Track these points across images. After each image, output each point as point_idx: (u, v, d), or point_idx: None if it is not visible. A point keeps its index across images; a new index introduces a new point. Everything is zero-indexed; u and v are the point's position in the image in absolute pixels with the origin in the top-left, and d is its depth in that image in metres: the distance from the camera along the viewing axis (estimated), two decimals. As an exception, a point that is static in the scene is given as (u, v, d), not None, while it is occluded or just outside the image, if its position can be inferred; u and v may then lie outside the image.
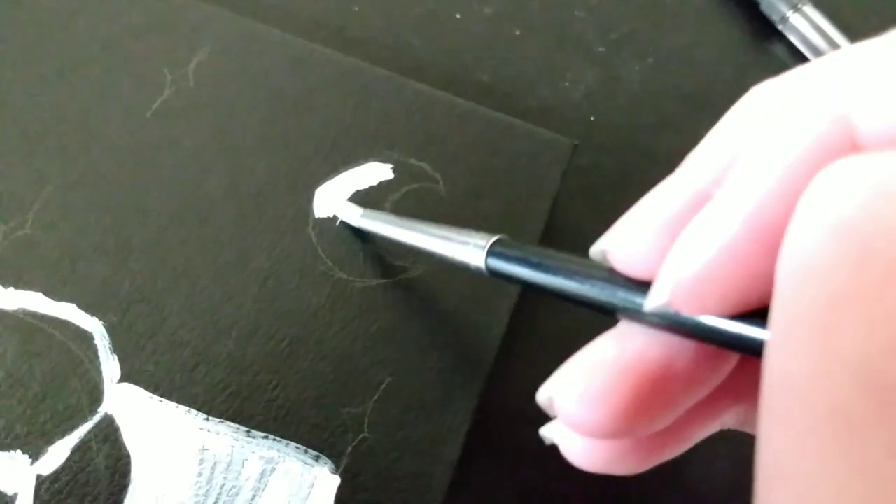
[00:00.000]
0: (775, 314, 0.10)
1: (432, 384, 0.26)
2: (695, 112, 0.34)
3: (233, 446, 0.25)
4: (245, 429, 0.25)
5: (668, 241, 0.13)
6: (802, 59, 0.34)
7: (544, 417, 0.16)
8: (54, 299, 0.26)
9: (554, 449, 0.16)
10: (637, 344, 0.14)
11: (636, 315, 0.14)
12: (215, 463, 0.25)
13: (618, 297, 0.14)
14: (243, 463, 0.25)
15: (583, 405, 0.14)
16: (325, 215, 0.28)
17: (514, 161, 0.29)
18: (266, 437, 0.25)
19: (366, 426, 0.26)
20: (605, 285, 0.14)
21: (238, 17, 0.30)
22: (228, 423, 0.25)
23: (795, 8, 0.34)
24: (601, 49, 0.34)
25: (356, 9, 0.34)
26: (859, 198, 0.10)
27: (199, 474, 0.25)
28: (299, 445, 0.25)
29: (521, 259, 0.16)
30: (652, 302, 0.13)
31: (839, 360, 0.09)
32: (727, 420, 0.16)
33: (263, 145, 0.29)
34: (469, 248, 0.18)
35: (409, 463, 0.25)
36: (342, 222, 0.28)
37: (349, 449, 0.25)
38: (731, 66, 0.34)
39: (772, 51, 0.35)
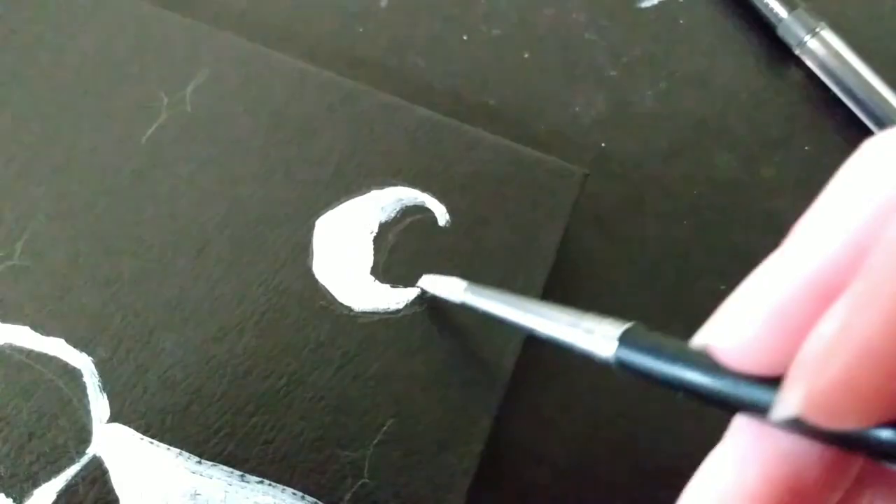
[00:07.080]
0: None
1: (436, 427, 0.25)
2: (709, 139, 0.33)
3: (226, 491, 0.24)
4: (239, 473, 0.24)
5: (782, 332, 0.12)
6: (819, 84, 0.33)
7: (554, 456, 0.15)
8: (42, 334, 0.25)
9: (566, 492, 0.15)
10: (758, 465, 0.12)
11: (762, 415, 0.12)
12: (208, 509, 0.24)
13: (743, 394, 0.12)
14: (237, 509, 0.24)
15: None
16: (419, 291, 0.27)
17: (523, 191, 0.28)
18: (261, 482, 0.24)
19: (366, 471, 0.25)
20: (729, 381, 0.13)
21: (237, 39, 0.29)
22: (222, 466, 0.24)
23: (813, 32, 0.33)
24: (612, 73, 0.33)
25: (360, 30, 0.33)
26: None
27: (191, 521, 0.24)
28: (296, 491, 0.24)
29: (654, 351, 0.15)
30: (780, 413, 0.11)
31: None
32: None
33: (262, 173, 0.27)
34: (596, 338, 0.16)
35: (411, 510, 0.24)
36: (429, 297, 0.26)
37: (348, 495, 0.24)
38: (746, 92, 0.33)
39: (788, 76, 0.34)
